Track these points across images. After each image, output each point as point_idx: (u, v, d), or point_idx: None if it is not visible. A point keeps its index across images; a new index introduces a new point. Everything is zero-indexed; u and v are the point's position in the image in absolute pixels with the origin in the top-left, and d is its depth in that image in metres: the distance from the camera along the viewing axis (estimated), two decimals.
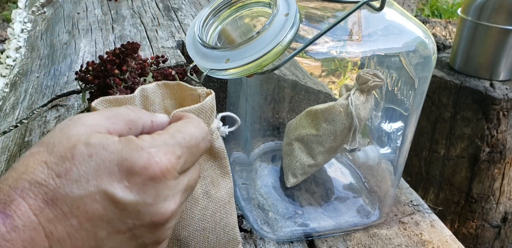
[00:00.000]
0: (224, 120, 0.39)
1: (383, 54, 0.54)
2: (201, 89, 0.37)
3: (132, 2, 1.39)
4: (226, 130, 0.39)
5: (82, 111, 0.68)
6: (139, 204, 0.26)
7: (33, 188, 0.24)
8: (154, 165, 0.26)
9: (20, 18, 1.35)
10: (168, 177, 0.27)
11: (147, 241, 0.28)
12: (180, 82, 0.39)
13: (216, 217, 0.40)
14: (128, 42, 0.63)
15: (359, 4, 0.44)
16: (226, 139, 0.40)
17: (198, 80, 0.42)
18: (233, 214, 0.42)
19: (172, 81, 0.39)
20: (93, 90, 0.67)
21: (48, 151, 0.25)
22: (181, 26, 1.18)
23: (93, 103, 0.34)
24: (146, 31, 1.13)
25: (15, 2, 1.78)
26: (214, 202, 0.40)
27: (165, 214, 0.27)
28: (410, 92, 0.55)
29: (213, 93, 0.37)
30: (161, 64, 0.72)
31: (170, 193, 0.28)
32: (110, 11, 1.31)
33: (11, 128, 0.73)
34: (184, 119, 0.31)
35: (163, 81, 0.39)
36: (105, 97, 0.35)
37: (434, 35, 1.84)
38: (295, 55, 0.42)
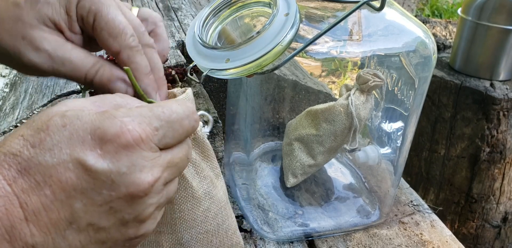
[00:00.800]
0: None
1: (383, 54, 0.54)
2: (177, 90, 0.37)
3: (132, 2, 1.39)
4: (206, 130, 0.38)
5: None
6: (112, 172, 0.26)
7: (8, 158, 0.25)
8: (127, 132, 0.26)
9: None
10: (142, 147, 0.27)
11: (127, 217, 0.27)
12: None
13: (218, 219, 0.39)
14: None
15: (359, 4, 0.44)
16: (226, 139, 0.40)
17: (198, 80, 0.42)
18: (232, 216, 0.41)
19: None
20: (92, 91, 0.67)
21: (27, 126, 0.26)
22: (181, 26, 1.18)
23: None
24: None
25: None
26: (216, 203, 0.39)
27: (141, 185, 0.27)
28: (410, 92, 0.55)
29: (190, 88, 0.36)
30: None
31: (147, 164, 0.27)
32: None
33: (11, 127, 0.73)
34: (169, 99, 0.31)
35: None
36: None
37: (434, 35, 1.84)
38: (295, 55, 0.42)
